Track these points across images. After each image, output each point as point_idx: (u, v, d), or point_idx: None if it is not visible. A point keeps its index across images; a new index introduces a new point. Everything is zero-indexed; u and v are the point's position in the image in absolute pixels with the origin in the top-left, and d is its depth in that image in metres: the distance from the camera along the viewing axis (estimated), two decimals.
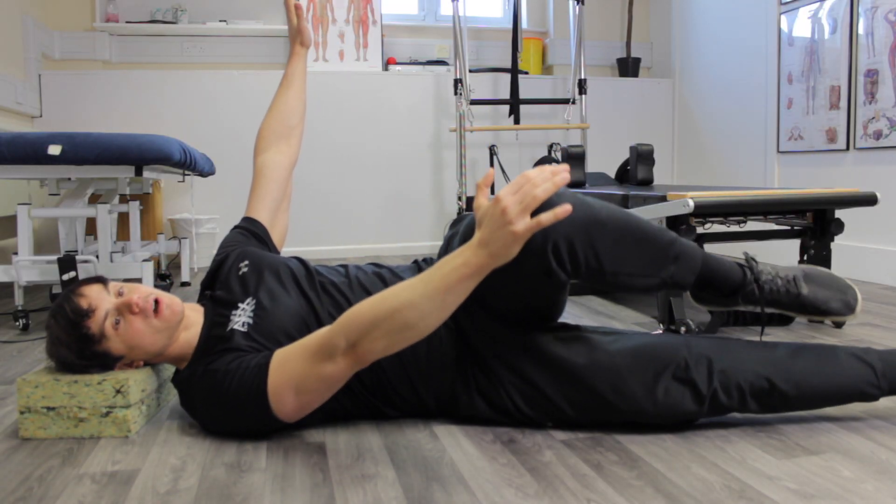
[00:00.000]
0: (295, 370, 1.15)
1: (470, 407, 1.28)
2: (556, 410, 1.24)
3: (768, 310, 1.40)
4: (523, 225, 1.00)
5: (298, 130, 1.64)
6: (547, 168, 1.03)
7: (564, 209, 0.99)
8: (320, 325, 1.29)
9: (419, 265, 1.45)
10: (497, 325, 1.28)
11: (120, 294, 1.26)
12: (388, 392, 1.30)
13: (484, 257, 1.03)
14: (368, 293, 1.32)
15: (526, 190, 1.01)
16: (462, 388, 1.28)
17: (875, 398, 1.26)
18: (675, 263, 1.24)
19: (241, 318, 1.28)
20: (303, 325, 1.29)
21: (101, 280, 1.28)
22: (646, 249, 1.22)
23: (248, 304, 1.31)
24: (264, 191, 1.55)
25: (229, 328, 1.27)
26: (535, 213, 1.04)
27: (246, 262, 1.39)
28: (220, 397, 1.21)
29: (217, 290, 1.38)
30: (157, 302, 1.25)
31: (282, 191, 1.58)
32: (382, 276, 1.38)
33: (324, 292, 1.34)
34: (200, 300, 1.42)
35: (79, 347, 1.24)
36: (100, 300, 1.23)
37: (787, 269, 1.42)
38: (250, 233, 1.50)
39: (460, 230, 1.29)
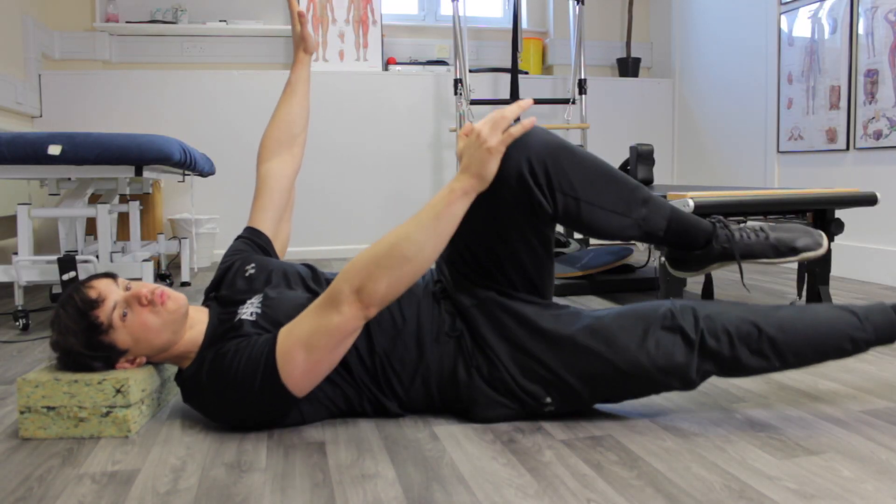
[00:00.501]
0: (303, 328, 1.18)
1: (469, 387, 1.29)
2: (553, 379, 1.26)
3: (743, 261, 1.43)
4: (496, 139, 1.16)
5: (301, 139, 1.64)
6: (514, 103, 1.19)
7: (531, 120, 1.17)
8: None
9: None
10: (494, 302, 1.31)
11: (128, 289, 1.28)
12: (391, 378, 1.30)
13: (467, 179, 1.17)
14: None
15: (496, 115, 1.17)
16: (463, 370, 1.29)
17: (863, 344, 1.27)
18: (646, 206, 1.30)
19: (250, 309, 1.31)
20: None
21: (110, 275, 1.30)
22: (616, 186, 1.28)
23: (255, 298, 1.34)
24: (267, 201, 1.56)
25: (238, 318, 1.30)
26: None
27: (252, 265, 1.43)
28: (229, 378, 1.21)
29: (222, 291, 1.40)
30: (162, 294, 1.27)
31: (284, 200, 1.59)
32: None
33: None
34: (205, 303, 1.43)
35: (86, 336, 1.24)
36: (109, 291, 1.25)
37: (752, 224, 1.48)
38: (254, 243, 1.53)
39: None
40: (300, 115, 1.64)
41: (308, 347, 1.17)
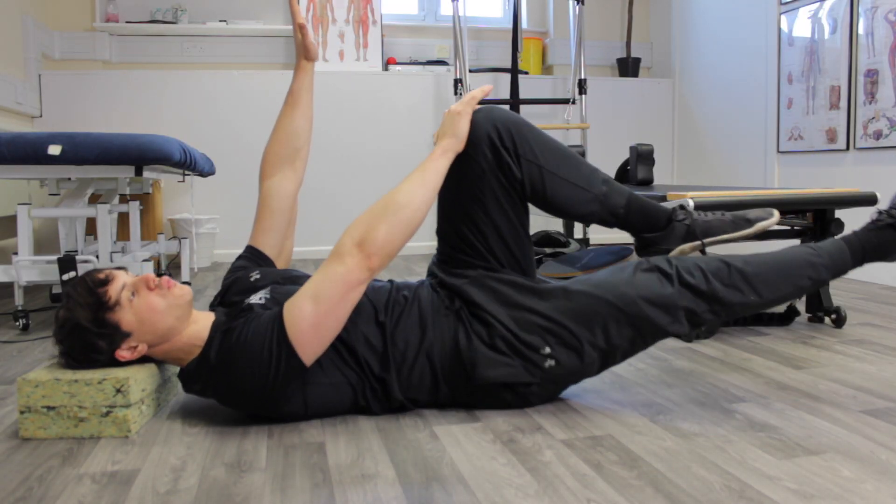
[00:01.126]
0: (309, 284, 1.23)
1: (470, 350, 1.32)
2: (549, 325, 1.32)
3: (705, 241, 1.51)
4: (460, 106, 1.37)
5: (304, 152, 1.64)
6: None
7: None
8: None
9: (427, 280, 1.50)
10: (484, 277, 1.39)
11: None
12: (396, 357, 1.32)
13: (443, 140, 1.36)
14: (379, 295, 1.39)
15: (465, 95, 1.36)
16: (464, 337, 1.33)
17: (822, 272, 1.38)
18: (606, 185, 1.42)
19: (259, 294, 1.38)
20: None
21: (121, 268, 1.36)
22: (576, 162, 1.41)
23: (264, 290, 1.41)
24: (270, 222, 1.58)
25: (247, 303, 1.36)
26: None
27: (257, 272, 1.48)
28: (237, 347, 1.24)
29: (228, 296, 1.46)
30: (168, 280, 1.33)
31: (287, 220, 1.61)
32: (390, 290, 1.43)
33: None
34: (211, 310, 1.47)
35: (94, 311, 1.26)
36: (118, 274, 1.31)
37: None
38: (255, 264, 1.55)
39: None
40: (302, 127, 1.63)
41: (315, 298, 1.21)
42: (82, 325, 1.26)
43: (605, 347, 1.33)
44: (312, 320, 1.21)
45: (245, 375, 1.23)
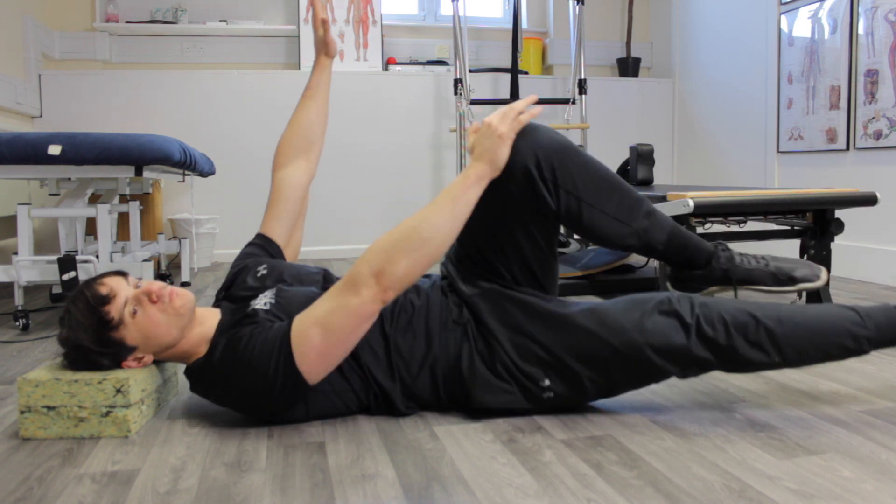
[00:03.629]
0: (320, 309, 1.19)
1: (471, 371, 1.30)
2: (550, 360, 1.28)
3: (741, 288, 1.44)
4: (506, 127, 1.25)
5: (318, 145, 1.64)
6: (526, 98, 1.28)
7: (538, 108, 1.27)
8: None
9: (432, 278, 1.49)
10: (497, 291, 1.34)
11: (138, 287, 1.29)
12: (399, 367, 1.31)
13: (480, 166, 1.25)
14: None
15: (505, 108, 1.26)
16: (467, 357, 1.31)
17: (865, 343, 1.26)
18: (648, 218, 1.33)
19: (263, 300, 1.33)
20: None
21: (121, 273, 1.31)
22: (619, 195, 1.31)
23: (269, 291, 1.36)
24: (281, 210, 1.57)
25: (251, 308, 1.31)
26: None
27: (264, 266, 1.45)
28: (243, 360, 1.22)
29: (233, 290, 1.42)
30: (171, 292, 1.29)
31: (298, 209, 1.60)
32: None
33: None
34: (216, 304, 1.45)
35: (96, 332, 1.24)
36: (120, 288, 1.27)
37: (754, 253, 1.50)
38: (265, 251, 1.54)
39: None
40: (318, 121, 1.63)
41: (325, 328, 1.18)
42: (85, 346, 1.26)
43: (607, 385, 1.31)
44: (320, 349, 1.18)
45: (248, 388, 1.23)
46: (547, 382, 1.29)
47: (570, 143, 1.30)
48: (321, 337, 1.18)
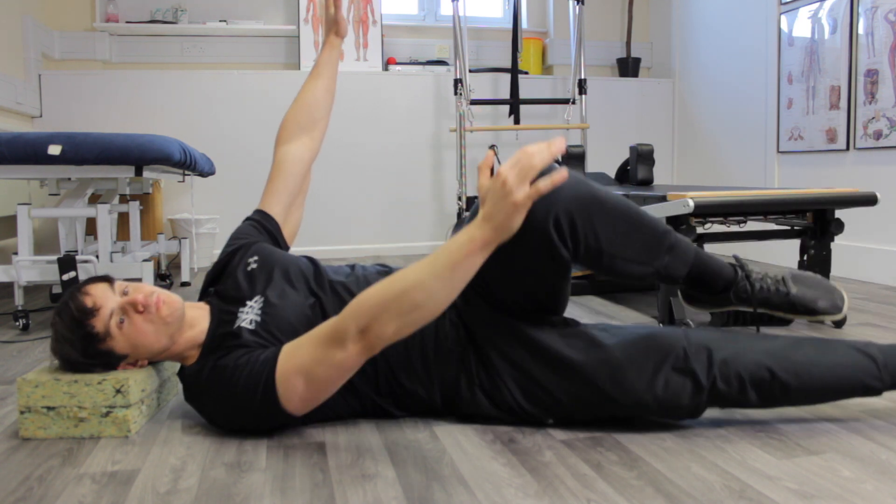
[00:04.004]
0: (305, 358, 1.15)
1: (472, 404, 1.29)
2: (554, 404, 1.25)
3: (759, 310, 1.40)
4: (523, 193, 1.05)
5: (323, 124, 1.60)
6: (543, 142, 1.06)
7: (561, 175, 1.05)
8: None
9: None
10: (501, 319, 1.29)
11: (125, 293, 1.26)
12: (396, 391, 1.30)
13: (489, 231, 1.07)
14: None
15: (524, 162, 1.04)
16: (465, 384, 1.28)
17: (878, 392, 1.25)
18: (670, 254, 1.26)
19: (249, 315, 1.29)
20: (310, 323, 1.28)
21: (106, 279, 1.28)
22: (642, 235, 1.24)
23: (255, 301, 1.31)
24: (280, 185, 1.52)
25: (237, 325, 1.27)
26: (533, 183, 1.08)
27: (255, 258, 1.39)
28: (228, 392, 1.21)
29: (223, 284, 1.38)
30: (157, 301, 1.26)
31: (298, 185, 1.55)
32: (388, 274, 1.37)
33: (332, 292, 1.35)
34: (205, 297, 1.42)
35: (83, 346, 1.24)
36: (104, 299, 1.24)
37: (775, 271, 1.44)
38: (263, 227, 1.49)
39: (466, 220, 1.33)
40: (324, 99, 1.60)
41: (308, 378, 1.15)
42: (73, 359, 1.26)
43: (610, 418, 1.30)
44: (304, 395, 1.17)
45: (236, 417, 1.24)
46: (550, 421, 1.28)
47: (593, 192, 1.19)
48: (305, 385, 1.16)
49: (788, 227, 2.19)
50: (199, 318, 1.33)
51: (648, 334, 1.26)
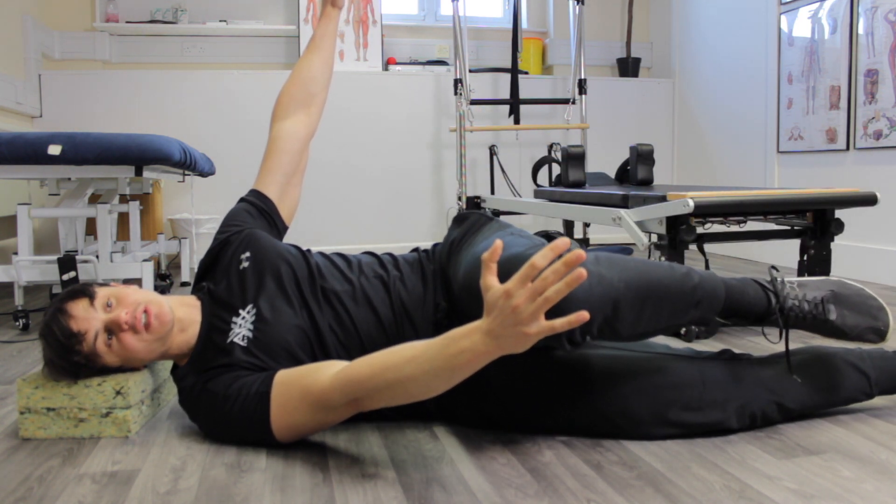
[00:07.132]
0: (297, 418, 1.16)
1: (466, 417, 1.30)
2: (562, 430, 1.25)
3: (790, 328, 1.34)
4: (536, 328, 0.95)
5: (320, 99, 1.56)
6: (558, 262, 0.92)
7: (580, 317, 0.91)
8: (321, 338, 1.28)
9: (420, 257, 1.45)
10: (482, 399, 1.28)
11: (108, 306, 1.23)
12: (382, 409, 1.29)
13: (493, 347, 0.98)
14: (372, 307, 1.30)
15: (537, 288, 0.92)
16: (465, 404, 1.27)
17: (859, 401, 1.34)
18: (697, 308, 1.18)
19: (241, 330, 1.25)
20: (304, 338, 1.27)
21: (86, 293, 1.24)
22: (667, 306, 1.15)
23: (248, 312, 1.27)
24: (276, 163, 1.48)
25: (229, 340, 1.25)
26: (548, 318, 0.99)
27: (248, 255, 1.34)
28: (221, 418, 1.21)
29: (214, 283, 1.35)
30: (146, 313, 1.22)
31: (295, 164, 1.50)
32: (386, 282, 1.35)
33: (325, 302, 1.31)
34: (197, 290, 1.38)
35: (74, 371, 1.25)
36: (88, 321, 1.21)
37: (815, 288, 1.31)
38: (258, 209, 1.44)
39: (466, 227, 1.38)
40: (321, 73, 1.56)
41: (300, 430, 1.18)
42: (68, 379, 1.27)
43: None
44: (297, 432, 1.19)
45: (234, 436, 1.24)
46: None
47: (611, 295, 1.08)
48: (297, 432, 1.19)
49: (788, 227, 2.19)
50: (190, 319, 1.30)
51: (663, 367, 1.24)
